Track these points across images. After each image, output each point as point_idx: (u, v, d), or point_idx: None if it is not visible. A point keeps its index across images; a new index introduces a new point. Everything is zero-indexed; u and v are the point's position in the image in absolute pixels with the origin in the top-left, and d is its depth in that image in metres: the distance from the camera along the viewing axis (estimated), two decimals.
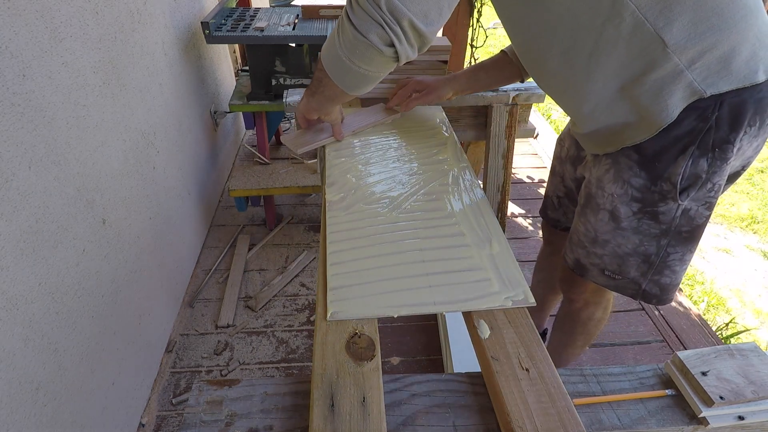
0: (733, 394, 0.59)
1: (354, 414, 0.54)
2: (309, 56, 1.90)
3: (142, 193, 1.43)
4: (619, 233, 0.90)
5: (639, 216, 0.86)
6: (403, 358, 1.64)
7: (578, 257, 1.00)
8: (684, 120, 0.75)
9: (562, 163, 1.15)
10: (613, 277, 0.96)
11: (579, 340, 1.23)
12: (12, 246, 0.87)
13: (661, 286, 0.94)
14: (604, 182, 0.89)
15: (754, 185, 3.07)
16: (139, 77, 1.44)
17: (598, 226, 0.92)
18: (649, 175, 0.82)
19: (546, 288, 1.45)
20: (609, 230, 0.91)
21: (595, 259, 0.97)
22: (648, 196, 0.84)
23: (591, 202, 0.93)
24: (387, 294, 0.68)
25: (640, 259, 0.91)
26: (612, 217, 0.89)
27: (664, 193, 0.82)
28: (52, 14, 1.00)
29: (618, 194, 0.87)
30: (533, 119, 3.26)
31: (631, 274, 0.94)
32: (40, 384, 0.95)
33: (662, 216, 0.84)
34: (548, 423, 0.54)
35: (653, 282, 0.93)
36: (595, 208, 0.92)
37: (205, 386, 0.61)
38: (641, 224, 0.87)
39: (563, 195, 1.18)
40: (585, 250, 0.98)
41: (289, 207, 2.40)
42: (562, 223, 1.23)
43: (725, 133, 0.74)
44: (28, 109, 0.92)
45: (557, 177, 1.18)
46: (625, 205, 0.86)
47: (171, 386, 1.54)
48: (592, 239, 0.95)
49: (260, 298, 1.85)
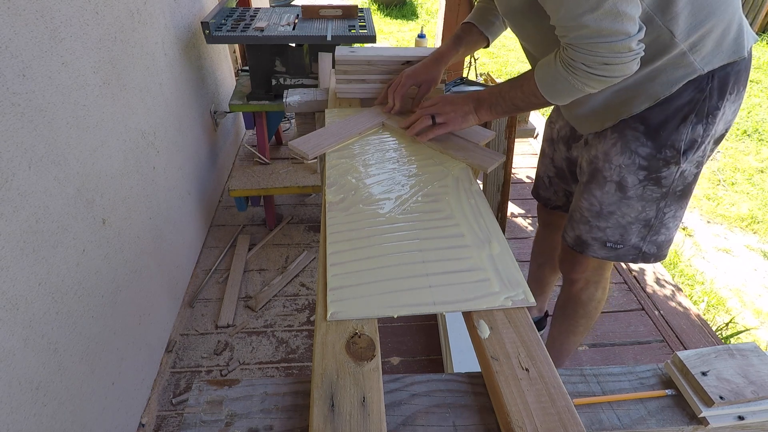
0: (733, 394, 0.59)
1: (354, 414, 0.54)
2: (309, 56, 1.90)
3: (142, 193, 1.43)
4: (624, 203, 0.98)
5: (644, 183, 0.95)
6: (403, 358, 1.64)
7: (579, 234, 1.07)
8: (684, 92, 0.86)
9: (553, 144, 1.21)
10: (615, 248, 1.04)
11: (581, 324, 1.27)
12: (12, 246, 0.87)
13: (658, 245, 1.03)
14: (611, 155, 0.96)
15: (754, 185, 3.07)
16: (139, 77, 1.44)
17: (603, 199, 1.00)
18: (655, 144, 0.91)
19: (546, 270, 1.49)
20: (615, 201, 0.99)
21: (598, 233, 1.03)
22: (653, 163, 0.93)
23: (597, 177, 1.00)
24: (387, 294, 0.68)
25: (641, 224, 1.00)
26: (619, 188, 0.97)
27: (667, 159, 0.92)
28: (52, 14, 1.00)
29: (626, 164, 0.95)
30: (533, 119, 3.26)
31: (632, 240, 1.02)
32: (40, 384, 0.95)
33: (664, 180, 0.94)
34: (548, 423, 0.54)
35: (651, 242, 1.03)
36: (601, 182, 0.99)
37: (205, 386, 0.61)
38: (645, 191, 0.96)
39: (553, 175, 1.25)
40: (588, 225, 1.04)
41: (289, 207, 2.40)
42: (552, 201, 1.31)
43: (715, 101, 0.87)
44: (28, 109, 0.92)
45: (547, 158, 1.25)
46: (632, 174, 0.95)
47: (171, 386, 1.54)
48: (596, 213, 1.02)
49: (260, 298, 1.85)
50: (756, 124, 3.80)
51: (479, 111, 1.01)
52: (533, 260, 1.53)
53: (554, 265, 1.45)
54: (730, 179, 3.11)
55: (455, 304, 0.68)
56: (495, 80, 1.45)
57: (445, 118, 1.03)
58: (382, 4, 6.46)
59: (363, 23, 1.93)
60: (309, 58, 1.90)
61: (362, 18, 2.00)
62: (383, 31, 5.65)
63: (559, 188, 1.26)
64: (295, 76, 1.91)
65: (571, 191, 1.22)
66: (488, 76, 1.57)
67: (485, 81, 1.46)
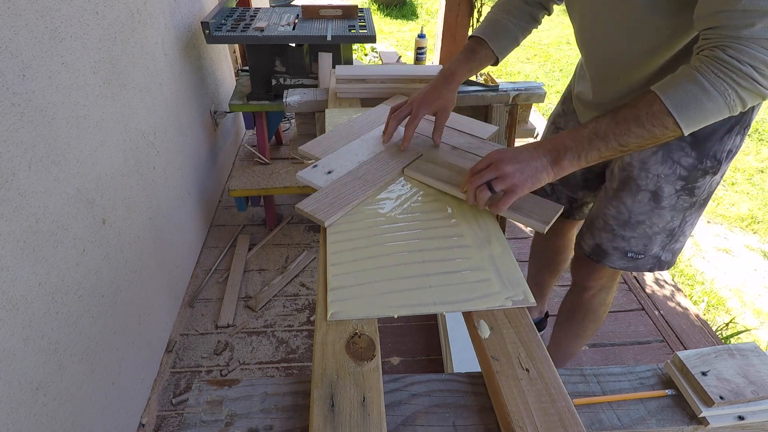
0: (733, 394, 0.59)
1: (354, 414, 0.54)
2: (309, 56, 1.90)
3: (142, 193, 1.43)
4: (656, 213, 0.94)
5: (680, 193, 0.91)
6: (403, 358, 1.64)
7: (600, 242, 1.02)
8: None
9: None
10: (636, 258, 1.00)
11: (590, 329, 1.26)
12: (12, 246, 0.87)
13: (674, 252, 1.01)
14: (649, 164, 0.91)
15: (754, 185, 3.07)
16: (139, 77, 1.44)
17: (634, 208, 0.95)
18: (698, 154, 0.87)
19: (546, 274, 1.47)
20: (646, 211, 0.95)
21: (621, 242, 1.00)
22: (693, 173, 0.89)
23: (629, 184, 0.95)
24: (387, 294, 0.68)
25: (665, 234, 0.97)
26: (653, 197, 0.93)
27: (706, 169, 0.88)
28: (52, 14, 1.00)
29: (665, 174, 0.90)
30: (533, 119, 3.26)
31: (654, 250, 0.99)
32: (40, 384, 0.95)
33: (697, 190, 0.91)
34: (548, 423, 0.54)
35: (669, 250, 1.00)
36: (634, 190, 0.94)
37: (205, 386, 0.61)
38: (679, 201, 0.92)
39: (557, 182, 1.20)
40: (611, 234, 1.00)
41: (289, 207, 2.40)
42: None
43: (750, 111, 0.84)
44: (29, 109, 0.92)
45: None
46: (670, 184, 0.91)
47: (171, 386, 1.54)
48: (623, 222, 0.97)
49: (260, 298, 1.85)
50: (756, 124, 3.80)
51: (560, 164, 0.75)
52: (531, 264, 1.51)
53: (553, 268, 1.44)
54: (730, 179, 3.11)
55: (455, 304, 0.68)
56: (495, 80, 1.45)
57: (508, 185, 0.76)
58: (382, 4, 6.46)
59: (363, 23, 1.93)
60: (309, 58, 1.90)
61: (362, 18, 2.00)
62: (383, 31, 5.64)
63: (562, 195, 1.21)
64: (295, 76, 1.91)
65: (575, 197, 1.19)
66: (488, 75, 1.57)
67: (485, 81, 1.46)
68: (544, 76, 4.65)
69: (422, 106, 0.95)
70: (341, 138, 1.03)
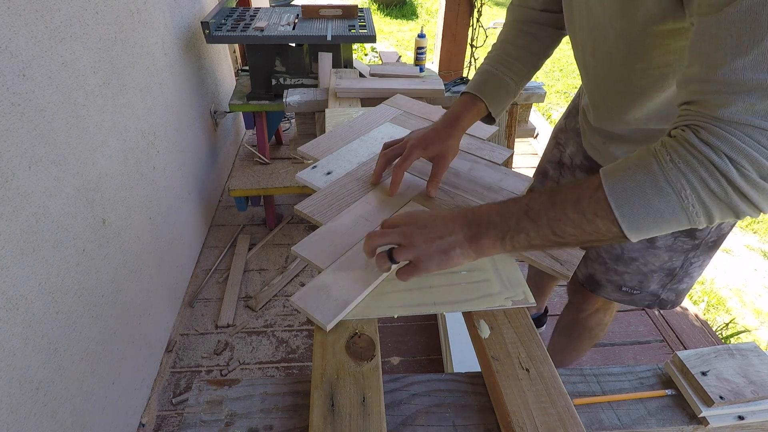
0: (733, 394, 0.59)
1: (354, 414, 0.54)
2: (309, 56, 1.90)
3: (142, 193, 1.43)
4: (650, 252, 0.88)
5: (676, 235, 0.84)
6: (403, 358, 1.64)
7: (592, 273, 0.97)
8: None
9: (560, 168, 1.09)
10: (631, 293, 0.94)
11: (585, 345, 1.24)
12: (12, 246, 0.87)
13: (677, 292, 0.94)
14: None
15: None
16: (139, 77, 1.44)
17: (627, 245, 0.88)
18: None
19: (546, 277, 1.46)
20: (640, 248, 0.88)
21: (614, 276, 0.94)
22: None
23: None
24: (387, 294, 0.68)
25: (664, 273, 0.90)
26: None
27: None
28: (52, 14, 1.00)
29: None
30: (533, 119, 3.26)
31: (651, 288, 0.92)
32: (40, 384, 0.95)
33: (699, 233, 0.83)
34: (548, 423, 0.54)
35: (671, 290, 0.93)
36: None
37: (205, 386, 0.61)
38: (676, 242, 0.85)
39: None
40: (604, 267, 0.95)
41: (289, 207, 2.40)
42: None
43: None
44: (28, 109, 0.92)
45: (551, 181, 1.13)
46: None
47: (171, 386, 1.54)
48: (615, 256, 0.92)
49: (260, 298, 1.85)
50: None
51: (478, 242, 0.59)
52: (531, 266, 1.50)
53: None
54: None
55: (455, 304, 0.68)
56: None
57: (411, 257, 0.61)
58: (382, 4, 6.46)
59: (363, 23, 1.93)
60: (309, 57, 1.90)
61: (362, 18, 2.00)
62: (383, 31, 5.65)
63: None
64: (295, 76, 1.91)
65: None
66: None
67: None
68: (544, 75, 4.65)
69: (417, 147, 0.82)
70: (340, 139, 1.03)
